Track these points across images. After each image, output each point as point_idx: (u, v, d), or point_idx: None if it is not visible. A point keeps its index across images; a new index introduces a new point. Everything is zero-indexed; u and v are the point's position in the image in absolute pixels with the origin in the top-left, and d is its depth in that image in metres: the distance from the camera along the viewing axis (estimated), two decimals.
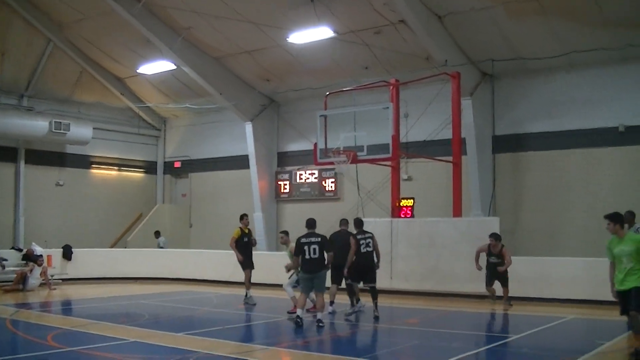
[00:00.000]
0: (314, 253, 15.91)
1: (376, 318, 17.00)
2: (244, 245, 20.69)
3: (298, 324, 15.33)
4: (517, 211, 24.69)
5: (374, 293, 17.45)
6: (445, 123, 24.84)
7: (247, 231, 21.02)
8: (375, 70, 26.29)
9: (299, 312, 15.67)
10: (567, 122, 23.94)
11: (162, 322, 17.00)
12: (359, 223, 18.24)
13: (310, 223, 16.65)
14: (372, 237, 17.87)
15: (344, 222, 18.92)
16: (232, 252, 20.33)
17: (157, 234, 31.02)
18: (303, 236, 16.21)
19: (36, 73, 29.86)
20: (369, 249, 17.60)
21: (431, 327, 16.31)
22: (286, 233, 19.30)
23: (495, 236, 19.35)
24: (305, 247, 15.95)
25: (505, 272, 19.41)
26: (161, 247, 30.32)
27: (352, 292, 18.06)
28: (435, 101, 25.19)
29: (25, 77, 29.93)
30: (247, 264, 20.66)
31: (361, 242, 17.54)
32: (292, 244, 17.10)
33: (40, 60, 29.53)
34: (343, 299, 18.35)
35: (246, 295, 20.42)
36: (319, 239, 16.16)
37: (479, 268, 19.52)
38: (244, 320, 17.68)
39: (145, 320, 17.02)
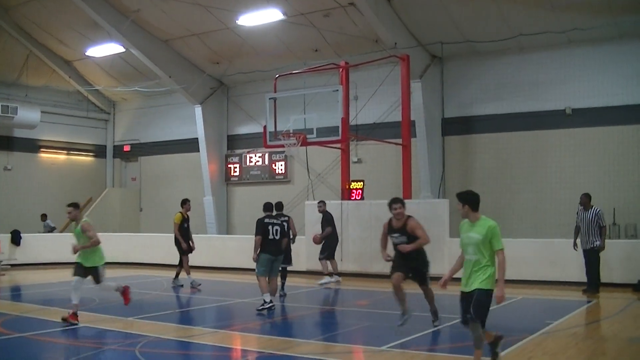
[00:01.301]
0: (277, 234, 15.73)
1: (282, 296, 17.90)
2: (184, 231, 20.71)
3: (271, 309, 15.22)
4: None
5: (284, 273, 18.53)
6: (394, 106, 24.98)
7: (187, 216, 20.99)
8: (324, 53, 26.33)
9: (268, 297, 15.36)
10: (516, 104, 24.19)
11: (112, 306, 16.90)
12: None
13: (270, 206, 16.43)
14: (288, 221, 17.67)
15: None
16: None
17: (44, 216, 30.23)
18: (266, 217, 15.95)
19: None
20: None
21: (381, 309, 16.42)
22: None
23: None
24: (269, 228, 15.66)
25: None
26: (49, 231, 29.86)
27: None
28: (384, 84, 25.31)
29: None
30: (188, 250, 20.69)
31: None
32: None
33: None
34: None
35: (191, 280, 20.45)
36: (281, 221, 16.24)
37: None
38: (194, 304, 17.67)
39: (95, 304, 16.91)
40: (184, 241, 20.48)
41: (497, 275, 9.67)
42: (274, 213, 16.70)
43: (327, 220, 21.41)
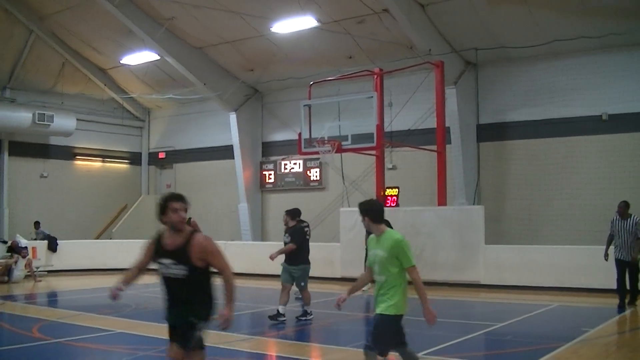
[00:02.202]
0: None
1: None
2: None
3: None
4: (501, 199, 24.75)
5: None
6: (429, 112, 24.91)
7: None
8: (358, 60, 26.29)
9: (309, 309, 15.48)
10: (550, 110, 23.99)
11: (148, 312, 16.98)
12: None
13: (299, 212, 16.50)
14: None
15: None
16: (219, 242, 20.22)
17: (37, 224, 29.31)
18: (304, 225, 16.36)
19: (18, 64, 29.74)
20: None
21: (415, 316, 16.32)
22: None
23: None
24: (307, 237, 16.00)
25: None
26: (43, 239, 28.65)
27: None
28: (419, 90, 25.23)
29: (7, 68, 29.81)
30: None
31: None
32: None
33: (22, 52, 29.40)
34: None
35: None
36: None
37: None
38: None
39: (131, 310, 17.00)
40: None
41: (419, 295, 8.57)
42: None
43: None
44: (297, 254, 15.30)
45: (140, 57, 29.31)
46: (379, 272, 8.41)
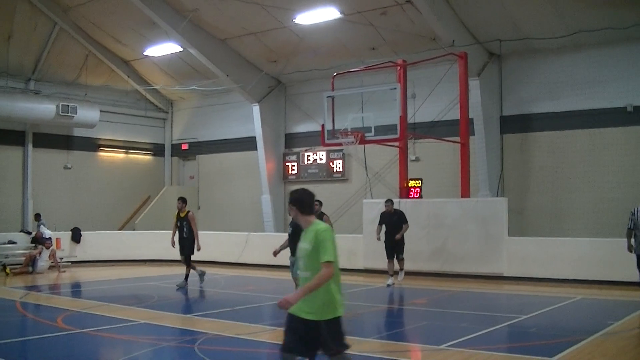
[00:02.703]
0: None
1: None
2: (178, 228, 20.79)
3: None
4: (525, 191, 24.64)
5: None
6: (452, 103, 24.84)
7: (182, 215, 20.82)
8: (382, 51, 26.23)
9: None
10: (574, 102, 23.81)
11: (171, 303, 17.05)
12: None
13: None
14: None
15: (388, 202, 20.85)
16: (242, 233, 20.32)
17: (38, 217, 28.45)
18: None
19: (42, 56, 29.84)
20: None
21: (439, 308, 16.35)
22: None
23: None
24: None
25: None
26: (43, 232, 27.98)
27: None
28: (442, 82, 25.15)
29: (32, 60, 29.93)
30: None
31: None
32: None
33: (46, 44, 29.49)
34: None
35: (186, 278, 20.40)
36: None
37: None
38: (252, 302, 17.73)
39: (154, 302, 17.08)
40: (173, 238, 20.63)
41: (310, 284, 7.17)
42: None
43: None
44: None
45: (163, 48, 29.37)
46: (304, 268, 7.37)
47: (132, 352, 10.65)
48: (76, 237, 27.94)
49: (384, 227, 20.79)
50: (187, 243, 20.44)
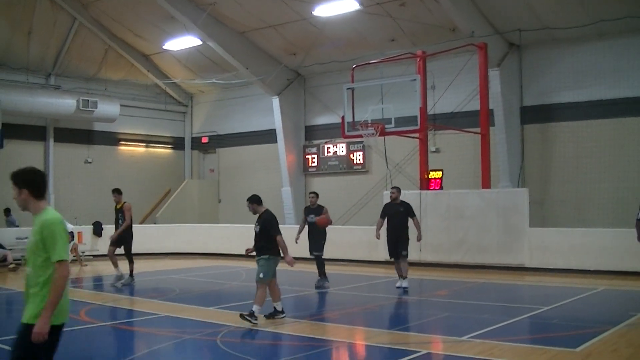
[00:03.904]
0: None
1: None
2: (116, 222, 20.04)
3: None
4: (546, 182, 24.53)
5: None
6: (472, 94, 24.77)
7: (117, 207, 20.18)
8: (401, 42, 26.16)
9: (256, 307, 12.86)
10: (596, 92, 23.64)
11: (192, 296, 17.09)
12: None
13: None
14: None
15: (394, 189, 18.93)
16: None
17: (7, 212, 27.99)
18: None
19: (62, 51, 29.96)
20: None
21: (461, 299, 16.32)
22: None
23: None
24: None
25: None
26: (15, 226, 27.84)
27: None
28: (462, 72, 25.09)
29: (52, 55, 30.05)
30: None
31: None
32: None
33: (66, 39, 29.61)
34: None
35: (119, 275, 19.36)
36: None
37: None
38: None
39: (176, 295, 17.13)
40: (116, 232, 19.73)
41: (51, 299, 5.92)
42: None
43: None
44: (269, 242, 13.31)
45: (182, 42, 29.42)
46: (28, 263, 6.21)
47: (154, 345, 10.68)
48: (97, 230, 28.08)
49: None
50: (124, 236, 19.61)
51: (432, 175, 24.34)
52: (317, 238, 19.04)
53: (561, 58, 24.34)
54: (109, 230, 27.93)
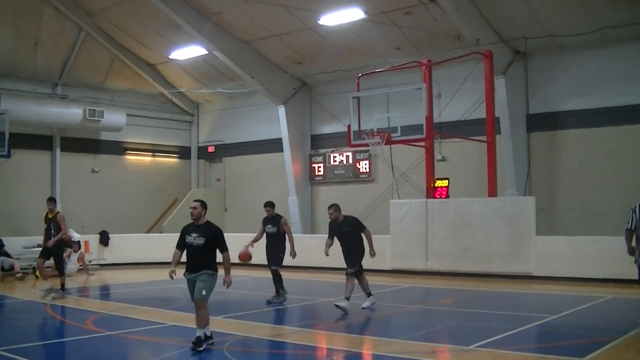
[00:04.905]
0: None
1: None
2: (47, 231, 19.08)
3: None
4: (553, 190, 24.49)
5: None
6: (478, 103, 24.77)
7: (50, 216, 19.15)
8: (406, 51, 26.17)
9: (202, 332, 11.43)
10: (602, 99, 23.60)
11: None
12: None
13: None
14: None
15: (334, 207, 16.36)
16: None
17: None
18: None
19: (69, 61, 30.04)
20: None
21: (467, 308, 16.29)
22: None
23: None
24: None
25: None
26: None
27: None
28: (467, 81, 25.13)
29: (59, 65, 30.13)
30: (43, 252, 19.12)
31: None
32: None
33: (73, 49, 29.70)
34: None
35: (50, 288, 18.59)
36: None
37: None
38: (279, 303, 17.72)
39: (182, 304, 17.11)
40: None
41: None
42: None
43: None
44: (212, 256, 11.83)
45: (188, 51, 29.51)
46: None
47: (161, 354, 10.68)
48: (104, 240, 28.12)
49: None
50: (55, 247, 18.79)
51: (439, 183, 24.31)
52: (275, 250, 17.61)
53: (567, 65, 24.33)
54: (116, 239, 28.10)
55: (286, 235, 17.58)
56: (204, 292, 11.42)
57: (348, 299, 15.52)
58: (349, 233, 16.03)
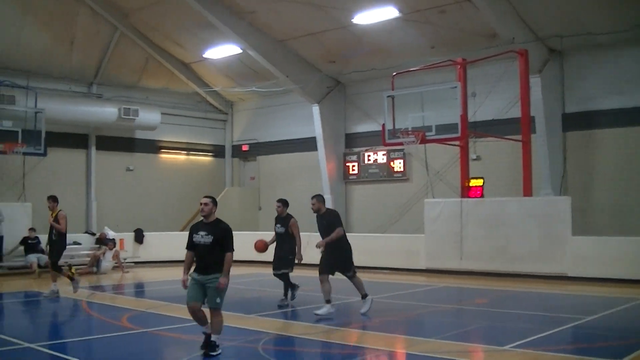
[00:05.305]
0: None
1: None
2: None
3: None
4: (589, 190, 24.29)
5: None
6: (513, 102, 24.61)
7: (52, 215, 18.40)
8: (441, 50, 26.05)
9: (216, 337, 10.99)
10: None
11: (232, 303, 17.08)
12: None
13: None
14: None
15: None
16: (303, 234, 18.66)
17: None
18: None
19: (104, 61, 30.27)
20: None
21: (501, 308, 16.20)
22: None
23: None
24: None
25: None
26: None
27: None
28: (502, 79, 24.98)
29: (94, 65, 30.36)
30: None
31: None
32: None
33: (108, 48, 29.92)
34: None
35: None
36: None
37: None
38: (312, 302, 17.70)
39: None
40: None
41: None
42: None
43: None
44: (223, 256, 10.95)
45: (222, 50, 29.62)
46: None
47: (195, 352, 10.70)
48: (139, 238, 28.31)
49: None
50: (55, 247, 18.22)
51: (473, 183, 24.20)
52: (282, 252, 16.67)
53: (603, 63, 24.10)
54: (150, 237, 28.25)
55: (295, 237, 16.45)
56: (218, 300, 10.81)
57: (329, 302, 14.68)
58: (328, 228, 15.23)
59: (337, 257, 15.11)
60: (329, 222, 15.26)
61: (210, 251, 10.75)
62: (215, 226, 10.96)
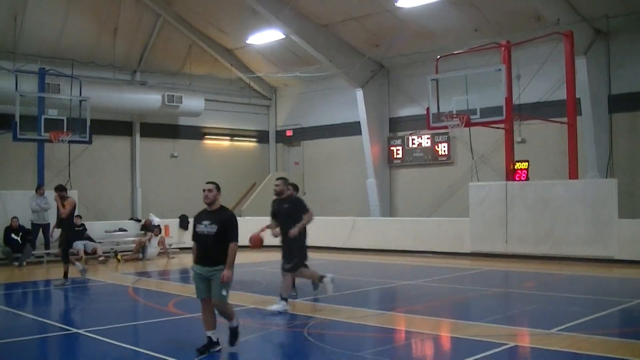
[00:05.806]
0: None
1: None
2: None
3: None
4: (635, 172, 24.02)
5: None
6: (558, 84, 24.40)
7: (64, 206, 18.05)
8: (485, 32, 25.86)
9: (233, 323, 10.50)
10: None
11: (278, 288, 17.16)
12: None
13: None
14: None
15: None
16: (348, 218, 18.21)
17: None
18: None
19: (147, 48, 30.46)
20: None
21: (548, 291, 16.10)
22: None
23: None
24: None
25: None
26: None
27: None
28: (547, 61, 24.72)
29: (137, 52, 30.57)
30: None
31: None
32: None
33: (151, 36, 30.12)
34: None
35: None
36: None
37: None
38: (358, 286, 17.73)
39: (262, 287, 17.24)
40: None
41: None
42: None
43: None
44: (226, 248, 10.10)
45: (265, 36, 29.66)
46: None
47: (242, 336, 10.74)
48: (184, 224, 28.44)
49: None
50: (66, 230, 18.24)
51: (518, 166, 24.03)
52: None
53: None
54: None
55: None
56: (224, 293, 10.06)
57: (286, 300, 13.41)
58: (288, 213, 14.12)
59: (291, 246, 14.04)
60: (291, 207, 14.23)
61: (215, 241, 10.01)
62: (220, 214, 10.33)
